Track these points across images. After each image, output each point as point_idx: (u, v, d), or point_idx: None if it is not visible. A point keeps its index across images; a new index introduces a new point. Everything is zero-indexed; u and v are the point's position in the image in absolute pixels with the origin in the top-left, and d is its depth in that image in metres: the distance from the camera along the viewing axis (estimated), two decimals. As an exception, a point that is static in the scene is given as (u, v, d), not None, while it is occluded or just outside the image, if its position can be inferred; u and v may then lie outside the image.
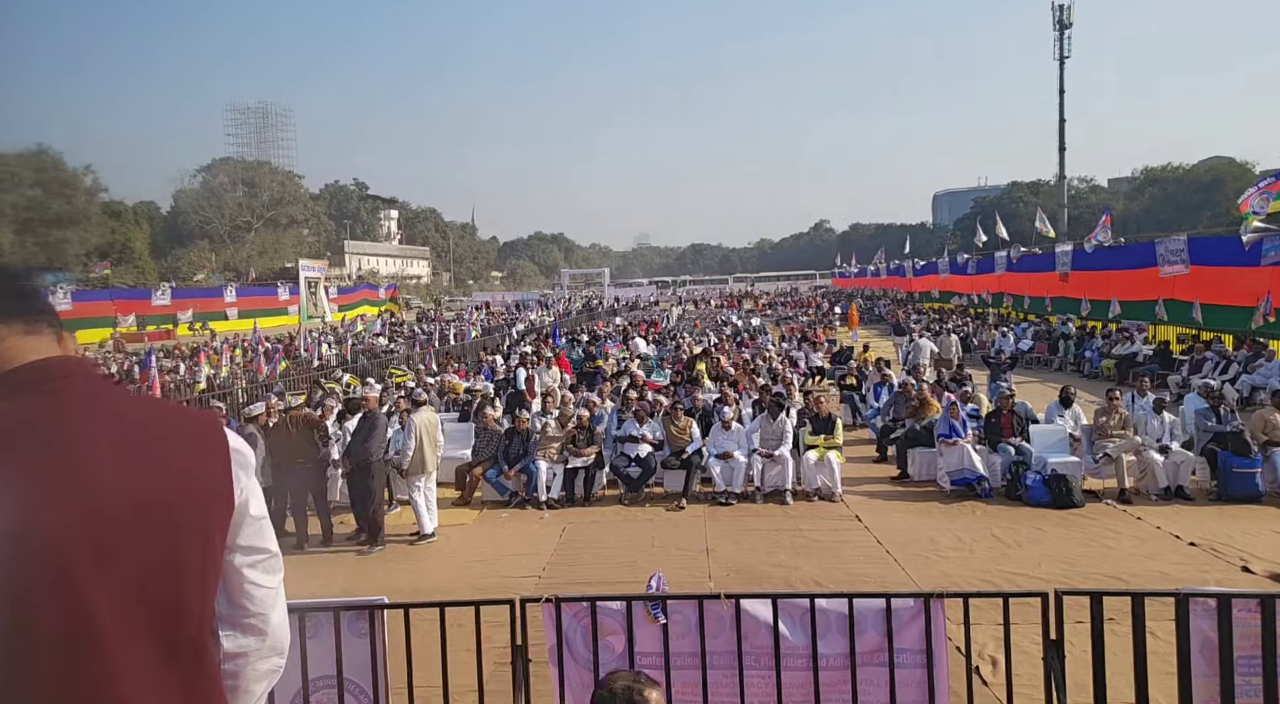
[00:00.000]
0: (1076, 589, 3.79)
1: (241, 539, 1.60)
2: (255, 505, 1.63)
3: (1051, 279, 29.00)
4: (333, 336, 32.37)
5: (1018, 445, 10.17)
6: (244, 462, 1.61)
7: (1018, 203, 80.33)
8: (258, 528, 1.64)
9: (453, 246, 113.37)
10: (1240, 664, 3.47)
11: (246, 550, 1.61)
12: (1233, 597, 3.54)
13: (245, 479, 1.60)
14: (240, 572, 1.60)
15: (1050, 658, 3.75)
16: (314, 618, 3.84)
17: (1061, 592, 3.78)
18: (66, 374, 1.44)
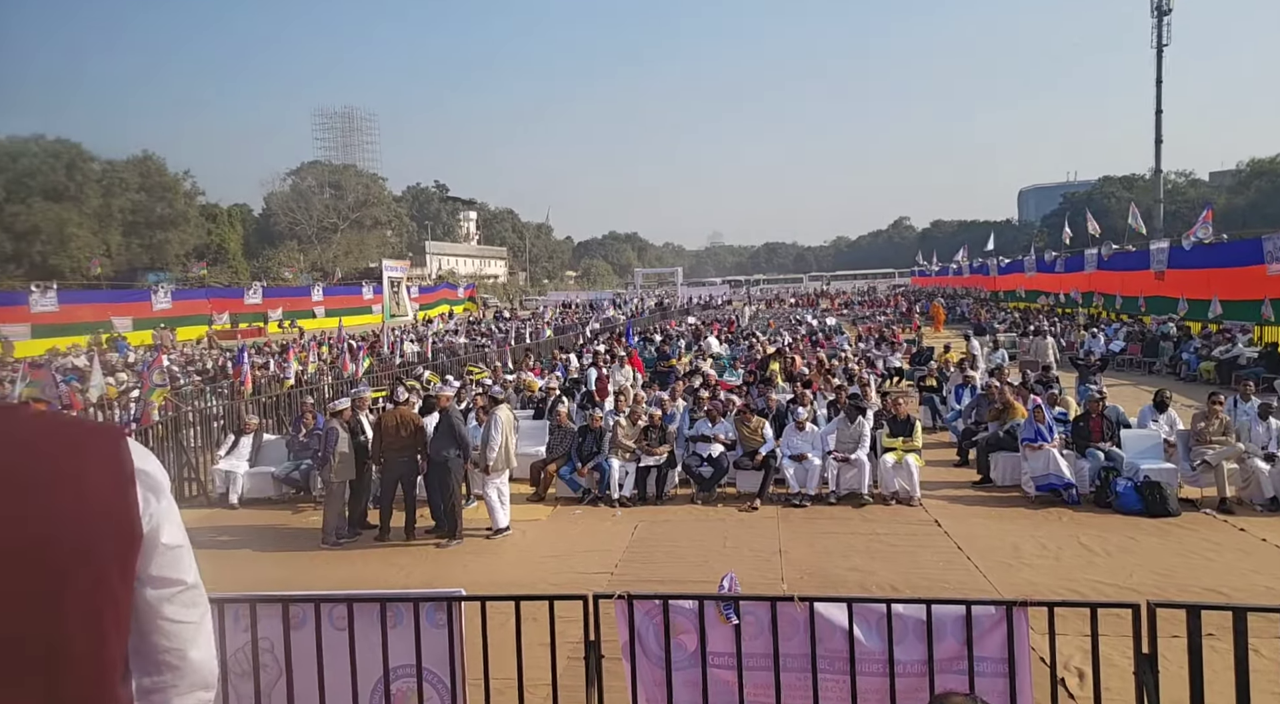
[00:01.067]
0: (1171, 601, 3.61)
1: (153, 570, 1.42)
2: (169, 533, 1.44)
3: (1146, 277, 27.69)
4: (414, 334, 33.24)
5: (1108, 450, 9.76)
6: (153, 484, 1.42)
7: (1109, 198, 77.11)
8: (172, 558, 1.45)
9: (529, 246, 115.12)
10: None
11: (158, 582, 1.43)
12: (1346, 615, 3.33)
13: (155, 503, 1.42)
14: (152, 606, 1.43)
15: (1143, 672, 3.59)
16: (394, 608, 3.95)
17: (1155, 603, 3.61)
18: None
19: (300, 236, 76.52)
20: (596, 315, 45.61)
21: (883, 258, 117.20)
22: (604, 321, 40.26)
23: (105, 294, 45.06)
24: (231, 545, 8.94)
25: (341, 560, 8.61)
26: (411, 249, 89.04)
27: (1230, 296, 22.05)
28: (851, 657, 3.73)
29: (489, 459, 9.12)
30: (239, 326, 44.69)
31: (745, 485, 10.36)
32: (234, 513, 10.55)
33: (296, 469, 10.92)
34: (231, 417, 13.48)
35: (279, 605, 3.93)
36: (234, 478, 10.93)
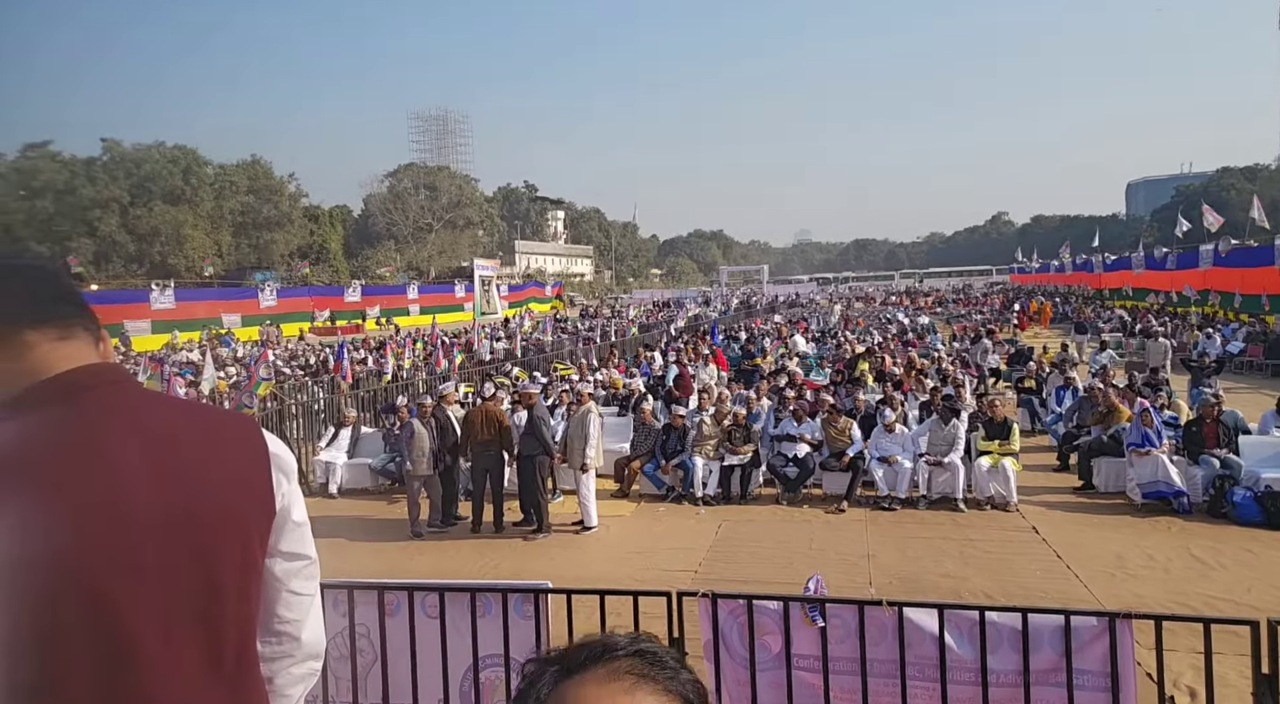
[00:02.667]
0: (1295, 620, 3.37)
1: (283, 545, 1.56)
2: (298, 511, 1.59)
3: (1270, 274, 25.88)
4: (503, 332, 33.94)
5: (1224, 458, 9.18)
6: (284, 466, 1.56)
7: (1228, 190, 72.50)
8: (299, 534, 1.60)
9: (615, 245, 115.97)
10: None
11: (288, 556, 1.58)
12: None
13: (287, 484, 1.56)
14: (279, 578, 1.57)
15: (1262, 694, 3.37)
16: (484, 598, 4.06)
17: (1276, 621, 3.38)
18: (97, 384, 1.39)
19: (397, 236, 79.13)
20: (682, 313, 45.56)
21: (980, 254, 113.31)
22: (690, 319, 40.21)
23: (216, 292, 47.70)
24: (330, 533, 9.32)
25: (433, 551, 8.88)
26: (501, 248, 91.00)
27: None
28: (942, 664, 3.63)
29: (587, 457, 9.24)
30: (338, 323, 46.53)
31: (832, 487, 10.19)
32: (333, 502, 11.01)
33: (391, 461, 11.30)
34: (332, 410, 14.06)
35: (375, 592, 4.09)
36: (333, 468, 11.40)
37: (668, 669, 0.85)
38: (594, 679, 0.82)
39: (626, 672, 0.83)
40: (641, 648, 0.87)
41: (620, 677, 0.82)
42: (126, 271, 57.42)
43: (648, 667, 0.85)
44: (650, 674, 0.84)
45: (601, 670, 0.83)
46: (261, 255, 65.04)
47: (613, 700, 0.80)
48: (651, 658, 0.86)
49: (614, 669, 0.83)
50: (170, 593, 1.34)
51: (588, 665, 0.84)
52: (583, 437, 9.29)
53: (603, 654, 0.85)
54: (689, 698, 0.85)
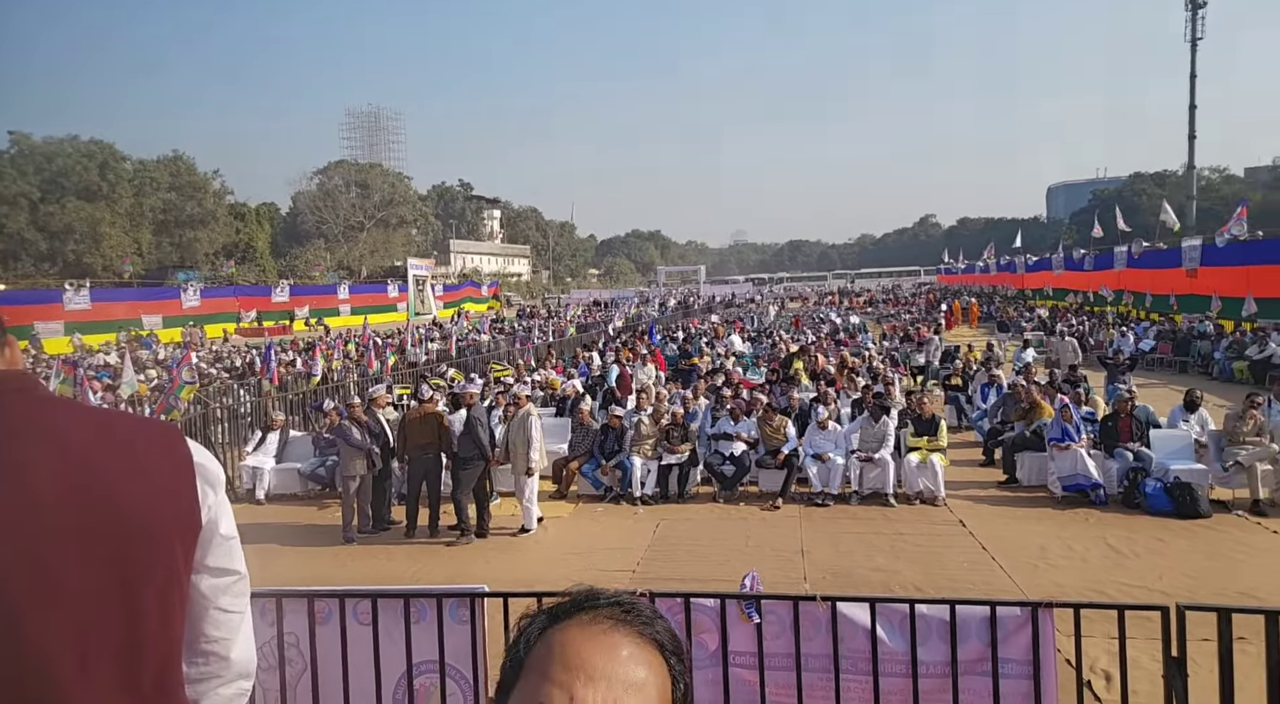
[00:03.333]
0: (1202, 604, 3.54)
1: (210, 560, 1.47)
2: (226, 524, 1.50)
3: (1178, 275, 27.23)
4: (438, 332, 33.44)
5: (1137, 451, 9.61)
6: (211, 477, 1.47)
7: (1140, 195, 75.93)
8: (228, 548, 1.51)
9: (552, 245, 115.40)
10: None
11: (215, 572, 1.49)
12: (1383, 620, 3.25)
13: (213, 496, 1.47)
14: (206, 596, 1.48)
15: (1171, 676, 3.54)
16: (418, 604, 3.99)
17: (1184, 606, 3.55)
18: (1, 391, 1.31)
19: (327, 235, 77.28)
20: (620, 313, 45.62)
21: (908, 255, 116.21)
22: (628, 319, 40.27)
23: (136, 292, 45.85)
24: (258, 540, 9.04)
25: (366, 556, 8.69)
26: (436, 247, 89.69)
27: (1266, 294, 21.64)
28: (874, 657, 3.71)
29: (531, 460, 9.13)
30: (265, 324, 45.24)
31: (767, 484, 10.33)
32: (260, 508, 10.69)
33: (322, 465, 11.04)
34: (259, 413, 13.65)
35: (305, 600, 3.99)
36: (260, 473, 11.07)
37: (643, 617, 0.95)
38: (576, 624, 0.92)
39: (605, 617, 0.93)
40: (620, 600, 0.96)
41: (600, 621, 0.92)
42: (37, 271, 54.76)
43: (624, 614, 0.94)
44: (627, 620, 0.93)
45: (584, 616, 0.93)
46: (184, 254, 62.77)
47: (591, 641, 0.90)
48: (628, 607, 0.95)
49: (595, 615, 0.93)
50: (85, 614, 1.26)
51: (571, 613, 0.94)
52: (524, 440, 9.18)
53: (585, 603, 0.95)
54: (662, 642, 0.94)
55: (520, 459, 9.17)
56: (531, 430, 9.20)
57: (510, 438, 9.37)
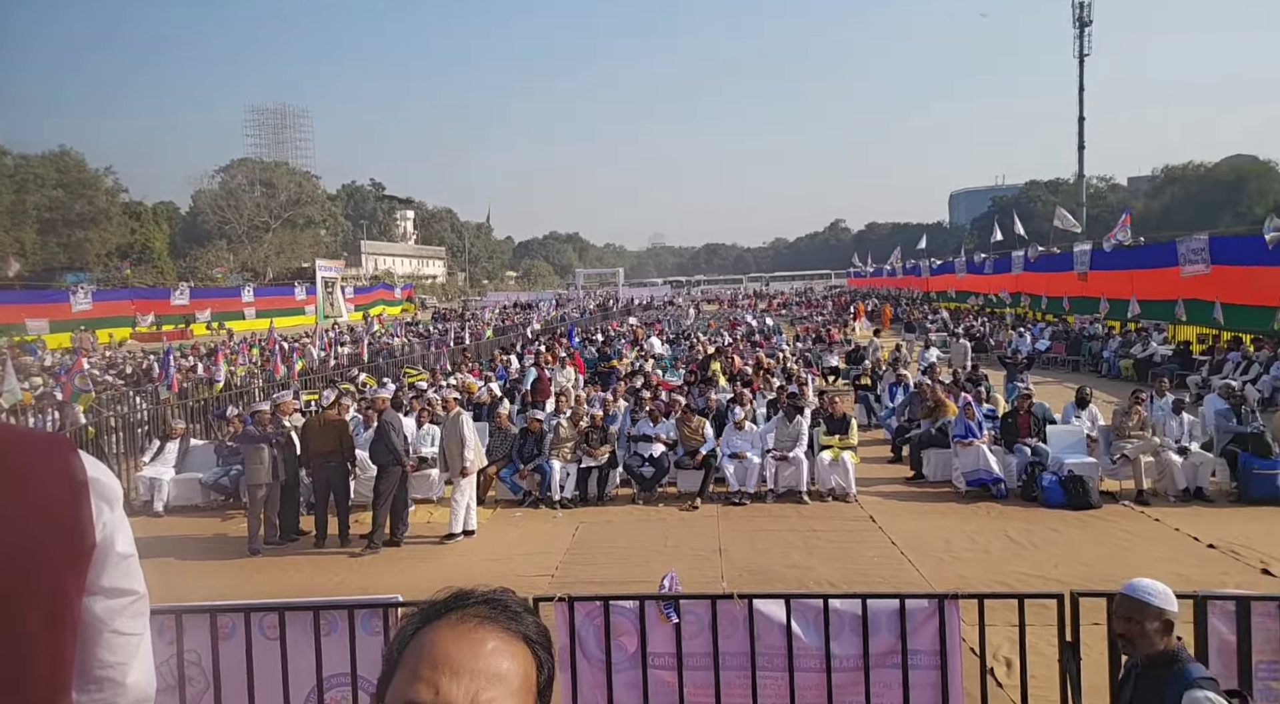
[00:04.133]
0: (1092, 591, 3.75)
1: (105, 581, 1.38)
2: (122, 542, 1.40)
3: (1069, 278, 28.74)
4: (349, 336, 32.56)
5: (1034, 446, 10.09)
6: (106, 492, 1.38)
7: (1035, 201, 79.77)
8: (125, 567, 1.41)
9: (468, 246, 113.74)
10: (1260, 669, 3.43)
11: (111, 593, 1.39)
12: (1252, 600, 3.50)
13: (109, 512, 1.38)
14: (101, 618, 1.38)
15: (1066, 660, 3.72)
16: (328, 616, 3.87)
17: (1077, 593, 3.75)
18: None
19: (230, 236, 74.19)
20: (538, 315, 45.33)
21: (820, 259, 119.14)
22: (547, 322, 40.05)
23: (19, 295, 42.99)
24: (156, 555, 8.60)
25: (273, 568, 8.37)
26: (346, 249, 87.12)
27: (1147, 297, 23.04)
28: (790, 653, 3.78)
29: (467, 460, 9.07)
30: (163, 328, 43.12)
31: (686, 485, 10.42)
32: (159, 521, 10.17)
33: (225, 475, 10.59)
34: (156, 421, 12.99)
35: (206, 616, 3.81)
36: (159, 485, 10.53)
37: (509, 612, 1.01)
38: (446, 623, 0.98)
39: (473, 616, 0.99)
40: (489, 597, 1.02)
41: (467, 619, 0.98)
42: (-94, 272, 50.77)
43: (493, 611, 1.00)
44: (493, 616, 0.99)
45: (454, 616, 0.99)
46: (74, 255, 59.15)
47: (458, 639, 0.96)
48: (498, 605, 1.02)
49: (463, 614, 0.99)
50: None
51: (443, 613, 1.00)
52: (458, 442, 9.09)
53: (455, 603, 1.01)
54: (530, 636, 1.01)
55: (455, 460, 9.09)
56: (465, 431, 9.10)
57: (444, 441, 9.33)
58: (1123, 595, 2.95)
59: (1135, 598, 2.89)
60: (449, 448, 9.21)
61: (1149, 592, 2.89)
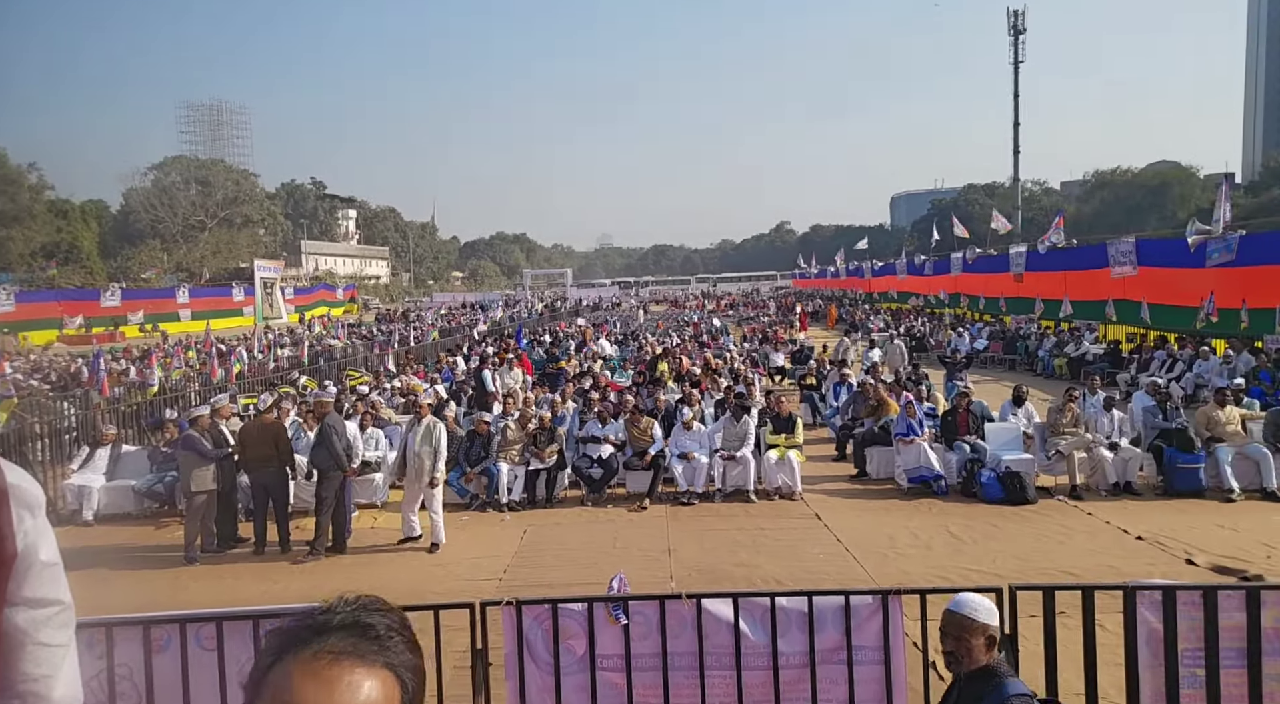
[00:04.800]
0: (1029, 584, 3.86)
1: (28, 591, 1.34)
2: (46, 550, 1.37)
3: (1006, 280, 29.58)
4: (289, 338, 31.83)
5: (973, 443, 10.35)
6: (27, 499, 1.35)
7: (973, 205, 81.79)
8: (49, 576, 1.37)
9: (412, 246, 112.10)
10: (1185, 656, 3.56)
11: (34, 603, 1.35)
12: (1177, 589, 3.64)
13: (30, 520, 1.35)
14: (24, 630, 1.34)
15: (1004, 652, 3.82)
16: (269, 625, 3.76)
17: (1015, 587, 3.85)
18: None
19: (164, 235, 71.81)
20: (485, 317, 44.89)
21: (766, 260, 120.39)
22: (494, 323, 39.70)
23: (-65, 296, 41.02)
24: (86, 565, 8.28)
25: (211, 577, 8.14)
26: (286, 249, 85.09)
27: (1079, 297, 23.84)
28: (737, 652, 3.80)
29: (438, 470, 8.67)
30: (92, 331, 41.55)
31: (635, 485, 10.44)
32: (88, 530, 9.80)
33: (160, 482, 10.26)
34: (85, 427, 12.50)
35: (139, 628, 3.68)
36: (88, 493, 10.14)
37: (373, 637, 0.93)
38: (299, 661, 0.89)
39: (328, 651, 0.90)
40: (354, 620, 0.94)
41: (321, 656, 0.90)
42: None
43: (353, 640, 0.91)
44: (354, 648, 0.91)
45: (307, 652, 0.90)
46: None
47: (310, 678, 0.87)
48: (360, 630, 0.93)
49: (318, 651, 0.90)
50: None
51: (298, 647, 0.91)
52: (432, 450, 8.64)
53: (313, 633, 0.92)
54: (393, 664, 0.93)
55: (426, 470, 8.63)
56: (440, 439, 8.72)
57: (417, 449, 8.68)
58: (949, 612, 2.94)
59: (961, 614, 2.89)
60: (419, 456, 8.64)
61: (974, 607, 2.90)
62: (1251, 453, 9.52)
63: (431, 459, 8.65)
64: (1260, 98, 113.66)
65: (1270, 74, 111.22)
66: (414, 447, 8.68)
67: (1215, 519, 8.60)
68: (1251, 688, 3.48)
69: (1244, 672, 3.50)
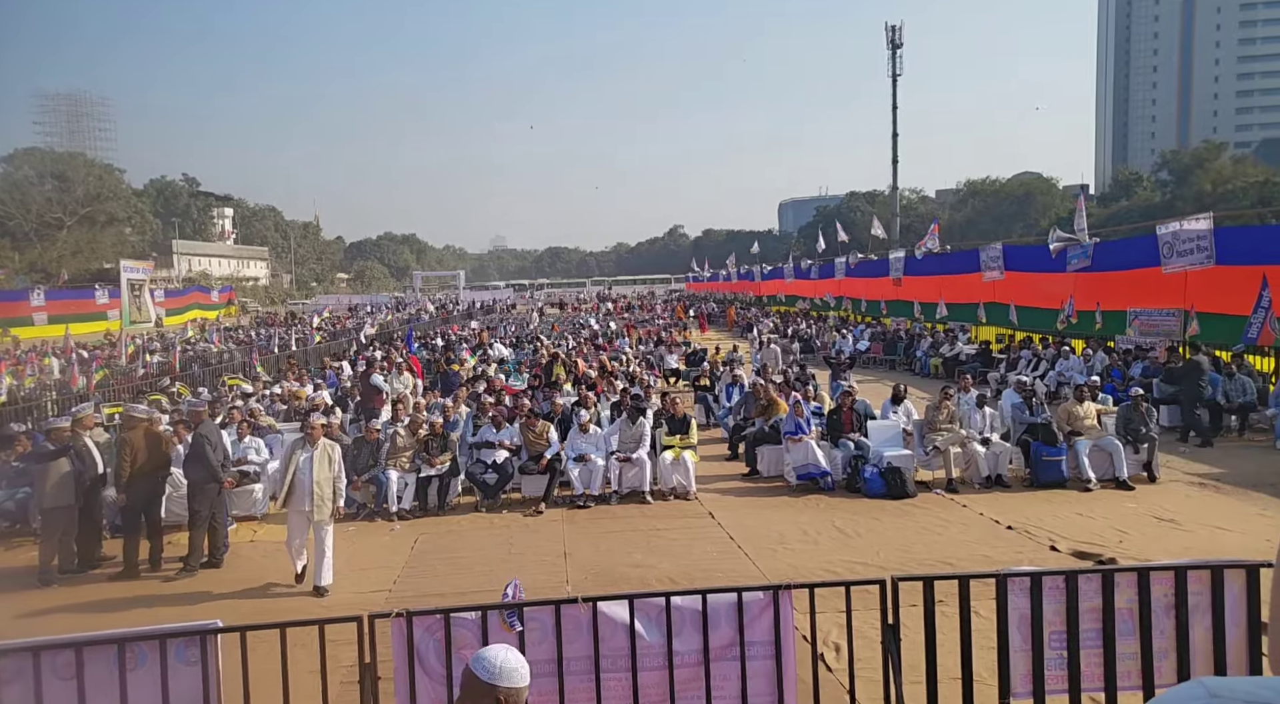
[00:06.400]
0: (911, 575, 4.03)
1: None
2: None
3: (886, 284, 30.91)
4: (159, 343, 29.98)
5: (857, 441, 10.74)
6: None
7: (856, 211, 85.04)
8: None
9: (294, 247, 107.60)
10: (1052, 639, 3.80)
11: None
12: (1043, 575, 3.88)
13: None
14: None
15: (888, 641, 3.98)
16: (135, 648, 3.53)
17: (897, 578, 4.01)
18: None
19: (15, 233, 66.33)
20: (373, 320, 43.53)
21: (660, 264, 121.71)
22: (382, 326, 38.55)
23: None
24: (-77, 594, 7.56)
25: (70, 600, 7.55)
26: (156, 249, 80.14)
27: (954, 300, 25.16)
28: (633, 653, 3.81)
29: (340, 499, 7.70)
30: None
31: (530, 490, 10.34)
32: (-74, 556, 8.95)
33: (10, 499, 9.47)
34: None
35: (-16, 661, 3.38)
36: (-74, 514, 9.27)
37: None
38: None
39: None
40: None
41: None
42: None
43: None
44: None
45: None
46: None
47: None
48: None
49: None
50: None
51: None
52: (331, 479, 7.55)
53: None
54: None
55: (327, 502, 7.47)
56: (340, 467, 7.76)
57: (315, 477, 7.41)
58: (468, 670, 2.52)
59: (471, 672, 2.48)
60: (320, 486, 7.42)
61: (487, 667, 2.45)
62: (1106, 445, 10.27)
63: (332, 489, 7.55)
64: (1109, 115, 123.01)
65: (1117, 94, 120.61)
66: (309, 474, 7.41)
67: (1075, 508, 9.22)
68: (1107, 666, 3.74)
69: (1101, 651, 3.76)
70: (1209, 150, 69.43)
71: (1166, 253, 16.02)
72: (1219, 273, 14.83)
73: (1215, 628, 3.73)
